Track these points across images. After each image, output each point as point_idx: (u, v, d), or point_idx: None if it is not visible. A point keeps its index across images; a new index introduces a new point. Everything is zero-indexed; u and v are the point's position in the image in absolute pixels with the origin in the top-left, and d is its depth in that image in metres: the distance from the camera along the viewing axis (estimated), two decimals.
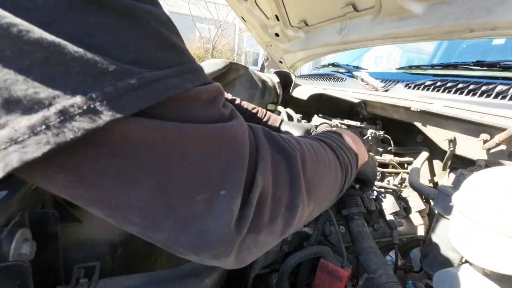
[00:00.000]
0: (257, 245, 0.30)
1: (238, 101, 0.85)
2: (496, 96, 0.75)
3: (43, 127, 0.17)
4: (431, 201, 0.84)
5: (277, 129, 0.87)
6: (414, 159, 0.99)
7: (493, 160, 0.69)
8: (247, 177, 0.27)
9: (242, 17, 1.57)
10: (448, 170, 0.90)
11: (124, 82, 0.20)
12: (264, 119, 0.86)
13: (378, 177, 0.93)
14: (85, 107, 0.18)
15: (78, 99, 0.18)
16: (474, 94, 0.80)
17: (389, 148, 1.04)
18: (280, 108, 1.25)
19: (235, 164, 0.26)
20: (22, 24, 0.17)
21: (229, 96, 0.84)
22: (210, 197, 0.25)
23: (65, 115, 0.18)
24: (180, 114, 0.24)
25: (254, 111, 0.85)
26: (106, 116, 0.19)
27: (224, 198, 0.25)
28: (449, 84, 0.89)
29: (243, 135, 0.28)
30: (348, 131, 0.58)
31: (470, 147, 0.77)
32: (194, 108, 0.25)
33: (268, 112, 0.88)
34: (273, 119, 0.88)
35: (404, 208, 0.88)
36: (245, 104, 0.85)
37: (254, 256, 0.31)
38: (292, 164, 0.32)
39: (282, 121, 0.89)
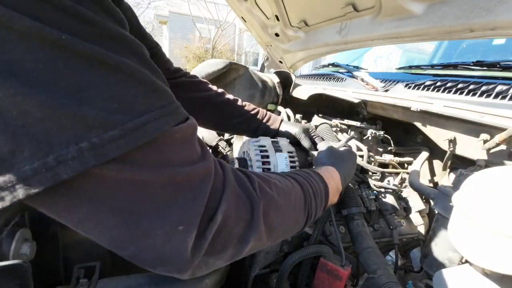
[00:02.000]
0: (207, 266, 0.35)
1: (239, 102, 0.85)
2: (496, 96, 0.75)
3: (43, 170, 0.23)
4: (431, 201, 0.84)
5: (277, 130, 0.87)
6: (414, 159, 0.99)
7: (493, 160, 0.69)
8: (206, 213, 0.32)
9: (242, 17, 1.57)
10: (448, 170, 0.90)
11: (108, 134, 0.24)
12: (264, 120, 0.86)
13: (378, 177, 0.93)
14: (76, 155, 0.23)
15: (70, 149, 0.23)
16: (474, 94, 0.80)
17: (389, 148, 1.04)
18: (280, 108, 1.25)
19: (196, 204, 0.31)
20: (23, 86, 0.22)
21: (231, 96, 0.85)
22: (169, 232, 0.29)
23: (60, 162, 0.23)
24: (154, 156, 0.28)
25: (254, 112, 0.86)
26: (92, 162, 0.24)
27: (181, 232, 0.30)
28: (449, 84, 0.89)
29: (208, 178, 0.33)
30: (327, 168, 0.61)
31: (470, 147, 0.77)
32: (167, 148, 0.29)
33: (268, 113, 0.89)
34: (273, 120, 0.88)
35: (404, 208, 0.88)
36: (246, 104, 0.86)
37: (203, 272, 0.35)
38: (255, 209, 0.37)
39: (282, 121, 0.89)
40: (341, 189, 0.62)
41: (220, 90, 0.84)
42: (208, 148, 1.23)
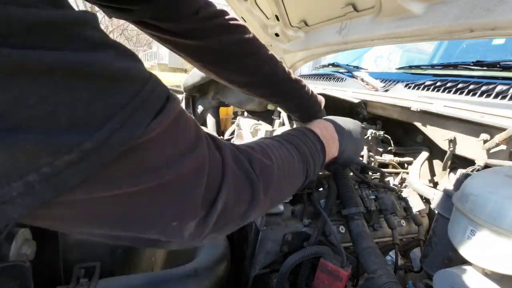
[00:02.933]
0: (207, 239, 0.35)
1: (286, 75, 0.71)
2: (496, 96, 0.75)
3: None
4: (431, 201, 0.84)
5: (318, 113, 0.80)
6: (414, 159, 0.99)
7: (493, 160, 0.69)
8: (205, 202, 0.31)
9: (242, 17, 1.56)
10: (448, 170, 0.90)
11: (61, 160, 0.19)
12: (302, 110, 0.78)
13: (378, 177, 0.93)
14: (23, 190, 0.19)
15: (15, 185, 0.18)
16: (474, 94, 0.80)
17: (389, 148, 1.04)
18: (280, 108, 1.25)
19: (189, 199, 0.29)
20: None
21: (282, 71, 0.70)
22: (163, 229, 0.29)
23: (6, 201, 0.19)
24: (130, 165, 0.24)
25: (293, 99, 0.74)
26: (47, 194, 0.20)
27: (176, 226, 0.29)
28: (449, 84, 0.89)
29: (202, 169, 0.30)
30: (319, 121, 0.63)
31: (470, 147, 0.77)
32: (146, 152, 0.25)
33: (315, 102, 0.79)
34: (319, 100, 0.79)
35: (404, 208, 0.88)
36: (295, 81, 0.73)
37: (202, 242, 0.36)
38: (255, 189, 0.37)
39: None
40: (337, 137, 0.62)
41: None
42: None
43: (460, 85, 0.86)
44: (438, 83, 0.92)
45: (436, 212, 0.66)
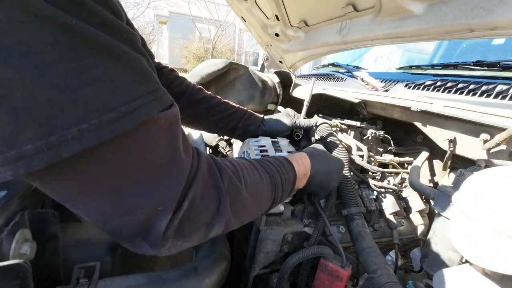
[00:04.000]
0: (175, 248, 0.38)
1: (218, 99, 0.84)
2: (496, 96, 0.75)
3: (45, 149, 0.24)
4: (431, 201, 0.84)
5: (257, 129, 0.85)
6: (414, 159, 0.99)
7: (493, 160, 0.69)
8: (178, 198, 0.35)
9: (242, 17, 1.57)
10: (448, 170, 0.90)
11: (106, 116, 0.26)
12: (243, 119, 0.84)
13: (378, 177, 0.93)
14: (76, 135, 0.25)
15: (72, 130, 0.25)
16: (474, 94, 0.80)
17: (389, 148, 1.04)
18: (280, 108, 1.25)
19: (175, 189, 0.34)
20: (32, 68, 0.23)
21: (208, 93, 0.83)
22: (150, 211, 0.32)
23: (62, 142, 0.24)
24: (142, 139, 0.31)
25: (232, 110, 0.84)
26: (92, 141, 0.26)
27: (160, 212, 0.33)
28: (449, 84, 0.89)
29: (187, 165, 0.36)
30: (301, 155, 0.65)
31: (470, 147, 0.77)
32: (153, 133, 0.32)
33: (249, 112, 0.86)
34: (254, 119, 0.85)
35: (404, 208, 0.88)
36: (225, 102, 0.84)
37: (170, 253, 0.38)
38: (222, 201, 0.40)
39: (263, 119, 0.86)
40: (309, 175, 0.64)
41: (197, 87, 0.82)
42: (208, 147, 1.22)
43: (460, 85, 0.86)
44: (438, 83, 0.92)
45: (436, 212, 0.66)
